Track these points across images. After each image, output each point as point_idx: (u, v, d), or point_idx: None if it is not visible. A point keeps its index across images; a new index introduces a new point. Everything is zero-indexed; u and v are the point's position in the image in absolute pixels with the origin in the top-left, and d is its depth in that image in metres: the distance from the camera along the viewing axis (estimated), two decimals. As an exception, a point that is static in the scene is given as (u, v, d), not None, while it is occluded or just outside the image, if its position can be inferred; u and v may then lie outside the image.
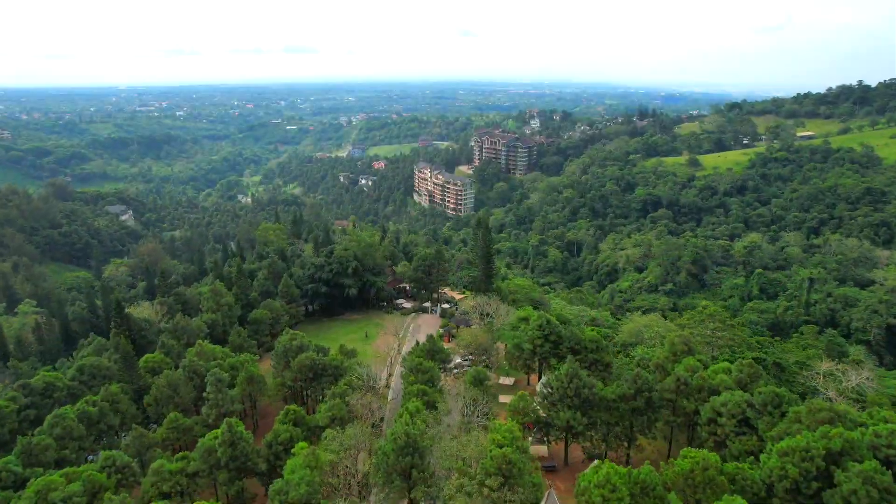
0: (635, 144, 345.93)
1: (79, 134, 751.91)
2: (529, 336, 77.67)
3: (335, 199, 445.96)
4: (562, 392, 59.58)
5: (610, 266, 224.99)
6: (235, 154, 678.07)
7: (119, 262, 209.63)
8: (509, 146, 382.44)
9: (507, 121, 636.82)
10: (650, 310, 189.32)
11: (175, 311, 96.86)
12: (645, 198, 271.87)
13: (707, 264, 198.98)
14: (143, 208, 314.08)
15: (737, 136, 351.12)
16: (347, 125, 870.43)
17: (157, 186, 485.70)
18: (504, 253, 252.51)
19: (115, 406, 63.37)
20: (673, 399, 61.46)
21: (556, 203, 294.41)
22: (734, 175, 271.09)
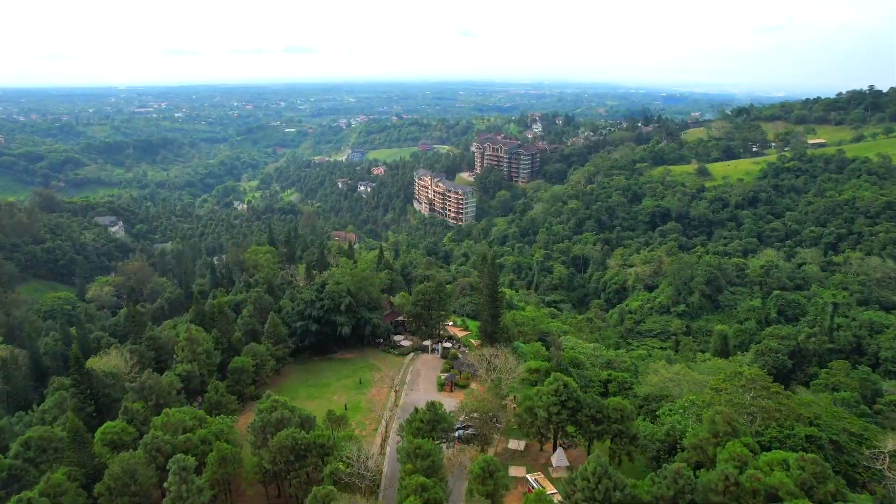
0: (641, 152, 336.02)
1: (75, 137, 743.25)
2: (545, 402, 67.83)
3: (333, 206, 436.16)
4: (588, 493, 49.87)
5: (619, 284, 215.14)
6: (233, 158, 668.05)
7: (104, 280, 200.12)
8: (511, 153, 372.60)
9: (509, 124, 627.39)
10: (662, 333, 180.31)
11: (147, 359, 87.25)
12: (653, 210, 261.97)
13: (721, 284, 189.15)
14: (133, 219, 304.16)
15: (746, 143, 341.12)
16: (347, 128, 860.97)
17: (151, 192, 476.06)
18: (507, 268, 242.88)
19: (58, 501, 53.69)
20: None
21: (561, 214, 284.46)
22: (745, 186, 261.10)
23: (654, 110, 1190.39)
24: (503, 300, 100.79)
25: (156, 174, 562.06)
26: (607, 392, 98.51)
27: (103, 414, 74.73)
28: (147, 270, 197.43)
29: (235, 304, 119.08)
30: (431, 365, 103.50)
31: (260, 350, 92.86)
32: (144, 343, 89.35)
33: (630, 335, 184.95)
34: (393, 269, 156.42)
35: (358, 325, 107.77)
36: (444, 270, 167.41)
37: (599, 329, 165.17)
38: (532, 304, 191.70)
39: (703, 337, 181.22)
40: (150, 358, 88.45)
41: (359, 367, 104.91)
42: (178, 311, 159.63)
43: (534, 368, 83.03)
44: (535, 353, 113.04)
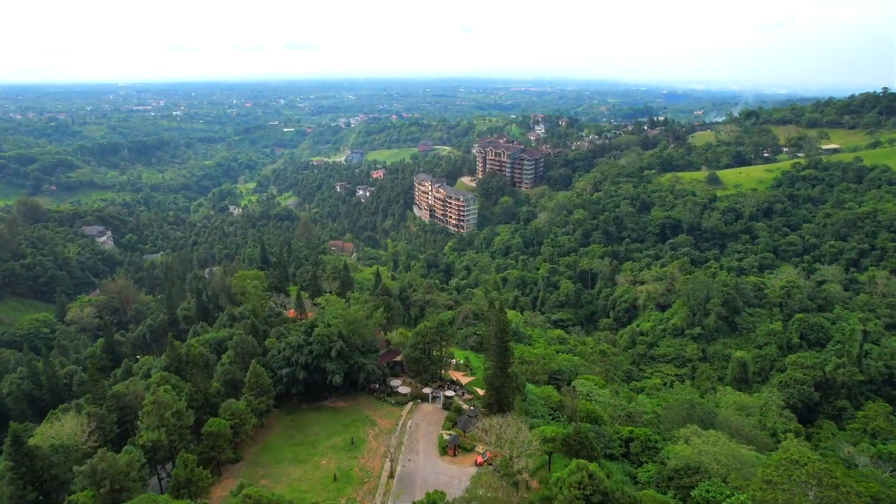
0: (649, 158, 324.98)
1: (70, 136, 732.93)
2: (566, 496, 57.28)
3: (331, 211, 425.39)
4: None
5: (629, 302, 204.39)
6: (230, 159, 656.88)
7: (86, 299, 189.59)
8: (514, 158, 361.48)
9: (511, 126, 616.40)
10: (677, 359, 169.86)
11: (109, 423, 76.77)
12: (663, 221, 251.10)
13: (739, 305, 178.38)
14: (123, 228, 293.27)
15: (757, 148, 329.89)
16: (346, 128, 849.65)
17: (145, 196, 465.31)
18: (511, 283, 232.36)
19: None
20: None
21: (567, 224, 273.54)
22: (759, 197, 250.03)
23: (657, 108, 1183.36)
24: (513, 352, 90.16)
25: (151, 176, 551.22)
26: (629, 452, 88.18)
27: (50, 500, 64.40)
28: (131, 290, 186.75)
29: (217, 342, 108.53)
30: (432, 418, 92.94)
31: (239, 408, 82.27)
32: (106, 404, 78.81)
33: (643, 360, 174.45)
34: (390, 294, 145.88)
35: (351, 371, 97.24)
36: (445, 294, 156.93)
37: (614, 363, 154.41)
38: (538, 326, 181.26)
39: (721, 362, 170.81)
40: (113, 422, 77.92)
41: (351, 419, 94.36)
42: (161, 339, 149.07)
43: (549, 437, 72.52)
44: (546, 400, 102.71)
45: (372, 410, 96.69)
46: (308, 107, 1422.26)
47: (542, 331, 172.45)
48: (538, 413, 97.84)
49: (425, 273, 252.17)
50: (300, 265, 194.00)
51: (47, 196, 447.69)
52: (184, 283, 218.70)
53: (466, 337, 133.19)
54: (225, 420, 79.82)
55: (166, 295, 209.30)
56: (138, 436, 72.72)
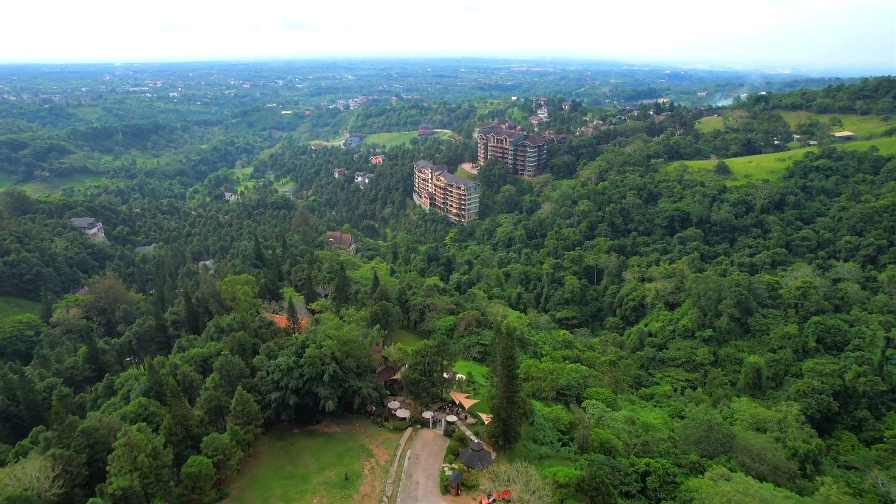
0: (656, 146, 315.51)
1: (65, 119, 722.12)
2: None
3: (329, 198, 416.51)
4: None
5: (636, 301, 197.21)
6: (227, 143, 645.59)
7: (72, 299, 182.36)
8: (517, 145, 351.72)
9: (513, 109, 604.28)
10: (687, 363, 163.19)
11: (77, 465, 69.91)
12: (672, 214, 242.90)
13: (752, 306, 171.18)
14: (115, 219, 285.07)
15: (766, 136, 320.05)
16: (345, 110, 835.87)
17: (140, 183, 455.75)
18: (514, 279, 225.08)
19: None
20: None
21: (571, 216, 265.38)
22: (771, 188, 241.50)
23: (660, 89, 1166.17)
24: (520, 379, 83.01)
25: (146, 161, 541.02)
26: (646, 488, 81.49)
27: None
28: (119, 289, 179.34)
29: (203, 358, 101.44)
30: (433, 448, 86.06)
31: (223, 443, 75.31)
32: (74, 443, 71.81)
33: (652, 364, 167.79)
34: (388, 298, 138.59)
35: (345, 395, 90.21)
36: (446, 297, 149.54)
37: (623, 370, 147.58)
38: (543, 327, 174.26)
39: (732, 366, 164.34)
40: (81, 463, 70.97)
41: (346, 448, 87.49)
42: (149, 345, 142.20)
43: (562, 482, 65.73)
44: (555, 422, 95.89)
45: (368, 437, 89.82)
46: (306, 87, 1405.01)
47: (548, 333, 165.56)
48: (547, 439, 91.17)
49: (425, 267, 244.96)
50: (295, 262, 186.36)
51: (39, 182, 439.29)
52: (175, 279, 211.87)
53: (469, 347, 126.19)
54: (207, 458, 72.91)
55: (157, 294, 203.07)
56: (108, 483, 65.77)
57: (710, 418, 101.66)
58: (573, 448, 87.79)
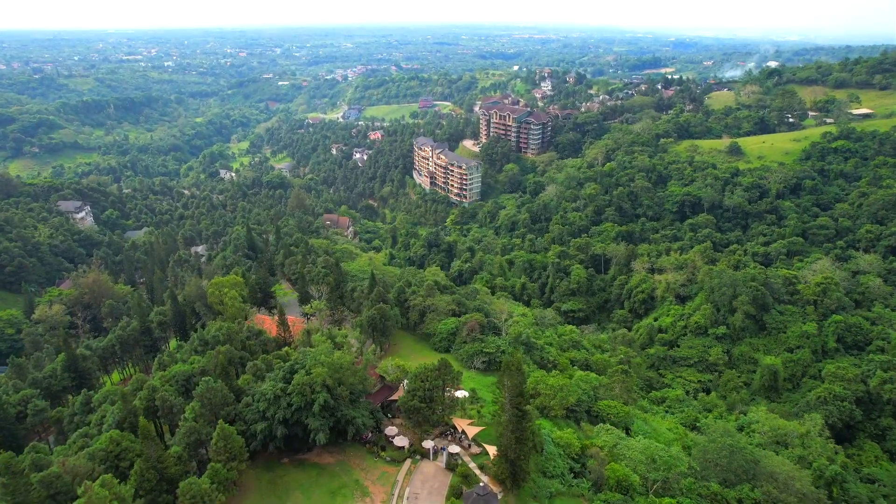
0: (665, 124, 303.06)
1: (55, 90, 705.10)
2: None
3: (326, 176, 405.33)
4: None
5: (646, 293, 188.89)
6: (222, 116, 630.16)
7: (56, 293, 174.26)
8: (520, 122, 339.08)
9: (515, 81, 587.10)
10: (700, 363, 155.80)
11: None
12: (682, 199, 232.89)
13: (769, 302, 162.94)
14: (104, 201, 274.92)
15: (781, 113, 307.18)
16: (343, 81, 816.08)
17: (132, 159, 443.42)
18: (518, 267, 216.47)
19: None
20: None
21: (577, 200, 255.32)
22: (786, 172, 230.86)
23: (665, 58, 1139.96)
24: (531, 419, 75.02)
25: (139, 136, 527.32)
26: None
27: None
28: (105, 284, 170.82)
29: (185, 378, 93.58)
30: (434, 484, 78.68)
31: (201, 489, 67.73)
32: (31, 499, 64.19)
33: (662, 363, 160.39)
34: (387, 300, 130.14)
35: (338, 424, 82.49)
36: (447, 296, 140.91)
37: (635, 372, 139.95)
38: (549, 325, 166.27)
39: (746, 366, 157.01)
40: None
41: (339, 483, 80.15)
42: (132, 351, 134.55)
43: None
44: (566, 448, 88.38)
45: (363, 471, 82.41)
46: (304, 56, 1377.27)
47: (554, 332, 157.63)
48: (557, 470, 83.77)
49: (426, 253, 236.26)
50: (289, 254, 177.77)
51: (29, 159, 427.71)
52: (166, 269, 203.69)
53: (472, 355, 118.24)
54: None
55: (146, 285, 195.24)
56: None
57: (732, 442, 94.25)
58: (586, 484, 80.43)
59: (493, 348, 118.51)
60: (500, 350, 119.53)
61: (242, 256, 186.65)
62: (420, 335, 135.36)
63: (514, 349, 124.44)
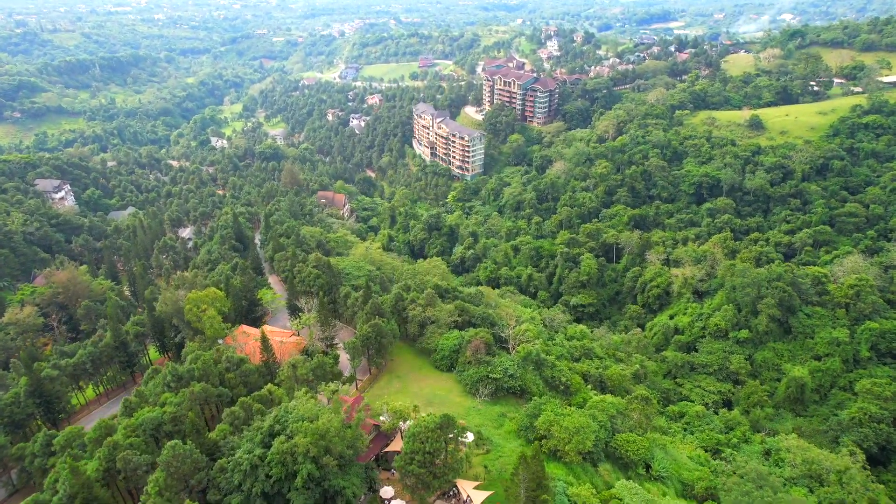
0: (680, 94, 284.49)
1: (39, 46, 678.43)
2: None
3: (322, 143, 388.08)
4: None
5: (661, 288, 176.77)
6: (214, 76, 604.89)
7: (28, 290, 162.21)
8: (526, 89, 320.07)
9: (520, 39, 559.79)
10: (720, 371, 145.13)
11: None
12: (699, 180, 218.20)
13: (795, 304, 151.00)
14: (86, 178, 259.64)
15: (804, 82, 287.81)
16: (340, 37, 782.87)
17: (120, 126, 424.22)
18: (524, 256, 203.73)
19: None
20: None
21: (587, 178, 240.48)
22: (812, 151, 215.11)
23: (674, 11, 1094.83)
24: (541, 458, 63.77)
25: (126, 99, 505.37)
26: None
27: None
28: (80, 282, 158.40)
29: (154, 425, 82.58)
30: (435, 568, 68.54)
31: None
32: None
33: (679, 371, 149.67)
34: (383, 314, 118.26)
35: (325, 495, 71.63)
36: (449, 305, 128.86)
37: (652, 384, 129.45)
38: (559, 328, 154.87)
39: (770, 373, 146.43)
40: None
41: (326, 565, 69.96)
42: (105, 368, 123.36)
43: None
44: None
45: (354, 546, 72.13)
46: (301, 7, 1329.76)
47: (564, 336, 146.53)
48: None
49: (426, 237, 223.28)
50: (279, 248, 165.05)
51: (10, 125, 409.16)
52: (150, 258, 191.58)
53: (477, 381, 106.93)
54: None
55: (128, 275, 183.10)
56: None
57: (762, 497, 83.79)
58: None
59: (500, 373, 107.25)
60: (509, 374, 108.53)
61: (229, 249, 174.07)
62: (420, 349, 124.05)
63: (524, 370, 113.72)
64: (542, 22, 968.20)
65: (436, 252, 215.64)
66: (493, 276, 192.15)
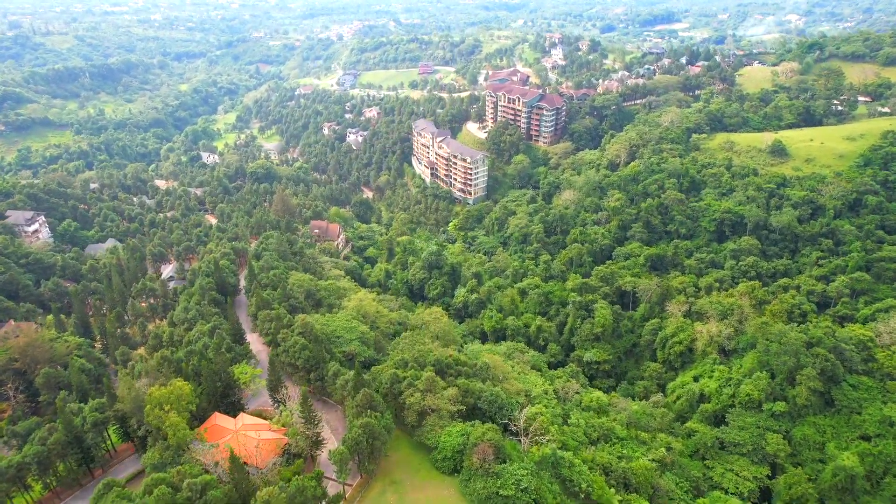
0: (695, 115, 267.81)
1: (31, 50, 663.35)
2: None
3: (318, 161, 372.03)
4: None
5: (684, 345, 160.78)
6: (209, 83, 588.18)
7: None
8: (531, 107, 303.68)
9: (523, 46, 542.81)
10: (754, 451, 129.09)
11: None
12: (721, 217, 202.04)
13: (838, 374, 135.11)
14: (63, 206, 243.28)
15: (828, 102, 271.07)
16: (338, 40, 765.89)
17: (108, 140, 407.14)
18: (532, 301, 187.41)
19: None
20: None
21: (599, 210, 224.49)
22: (844, 186, 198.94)
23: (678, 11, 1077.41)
24: None
25: (117, 108, 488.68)
26: None
27: None
28: (40, 344, 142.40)
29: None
30: None
31: None
32: None
33: (708, 451, 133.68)
34: (375, 406, 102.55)
35: None
36: (451, 388, 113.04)
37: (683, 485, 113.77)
38: (572, 397, 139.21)
39: (811, 453, 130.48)
40: None
41: None
42: (56, 463, 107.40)
43: None
44: None
45: None
46: (300, 7, 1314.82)
47: (579, 414, 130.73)
48: None
49: (426, 277, 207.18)
50: (263, 305, 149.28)
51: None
52: (126, 305, 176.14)
53: (485, 499, 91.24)
54: None
55: (100, 329, 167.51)
56: None
57: None
58: None
59: (511, 489, 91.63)
60: (522, 488, 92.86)
61: (209, 303, 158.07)
62: (419, 442, 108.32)
63: (539, 477, 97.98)
64: (544, 22, 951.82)
65: (436, 293, 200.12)
66: (499, 328, 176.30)
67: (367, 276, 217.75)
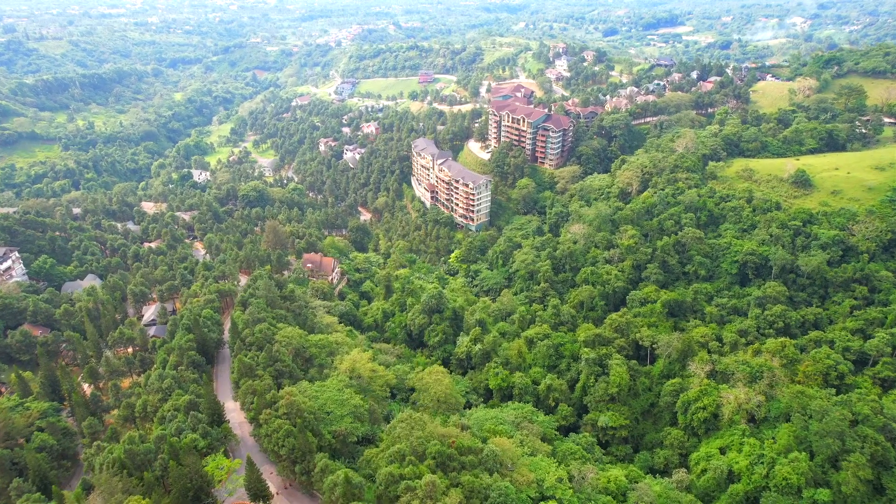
0: (711, 141, 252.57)
1: (24, 56, 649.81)
2: None
3: (313, 180, 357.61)
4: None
5: (708, 411, 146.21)
6: (203, 92, 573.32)
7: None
8: (537, 127, 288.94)
9: (525, 54, 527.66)
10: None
11: None
12: (744, 259, 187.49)
13: (889, 458, 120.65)
14: (41, 238, 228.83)
15: (851, 126, 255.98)
16: (336, 46, 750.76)
17: (97, 156, 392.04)
18: (540, 354, 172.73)
19: None
20: None
21: (611, 247, 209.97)
22: (878, 223, 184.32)
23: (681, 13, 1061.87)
24: None
25: (108, 120, 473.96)
26: None
27: None
28: (10, 420, 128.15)
29: None
30: None
31: None
32: None
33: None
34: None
35: None
36: (454, 468, 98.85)
37: None
38: (590, 482, 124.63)
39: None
40: None
41: None
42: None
43: None
44: None
45: None
46: (299, 8, 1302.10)
47: None
48: None
49: (426, 322, 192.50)
50: (247, 372, 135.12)
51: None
52: (100, 355, 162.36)
53: None
54: None
55: (67, 392, 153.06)
56: None
57: None
58: None
59: None
60: None
61: (188, 366, 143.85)
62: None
63: None
64: (546, 25, 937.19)
65: (437, 341, 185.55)
66: (505, 386, 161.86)
67: (363, 317, 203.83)
